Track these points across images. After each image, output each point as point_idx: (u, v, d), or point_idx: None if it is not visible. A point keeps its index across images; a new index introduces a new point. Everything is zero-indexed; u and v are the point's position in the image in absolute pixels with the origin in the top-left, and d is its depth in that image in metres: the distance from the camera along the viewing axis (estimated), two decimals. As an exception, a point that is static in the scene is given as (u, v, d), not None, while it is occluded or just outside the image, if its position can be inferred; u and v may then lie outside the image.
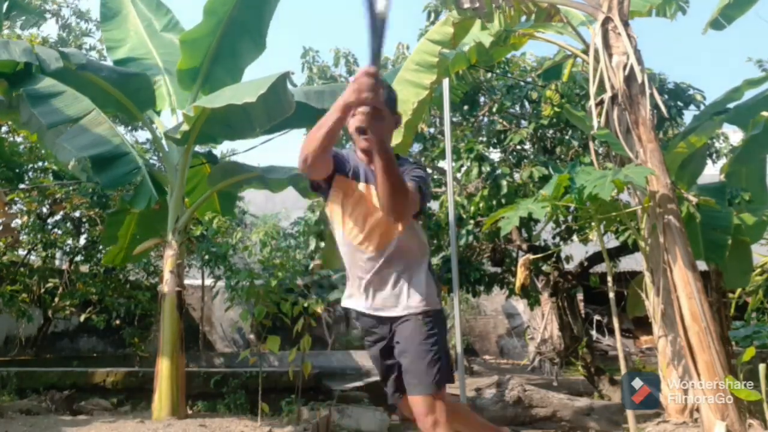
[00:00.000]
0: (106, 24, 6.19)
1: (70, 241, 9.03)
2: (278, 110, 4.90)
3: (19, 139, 8.21)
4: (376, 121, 1.82)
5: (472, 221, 5.69)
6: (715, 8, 4.28)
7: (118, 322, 9.44)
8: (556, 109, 5.30)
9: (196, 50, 5.40)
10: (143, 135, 10.03)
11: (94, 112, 4.81)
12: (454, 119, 6.08)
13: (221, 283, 9.54)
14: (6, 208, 5.95)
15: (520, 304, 13.17)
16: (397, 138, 3.88)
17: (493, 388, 5.31)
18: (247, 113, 4.89)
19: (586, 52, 3.40)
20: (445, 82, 4.17)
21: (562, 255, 6.75)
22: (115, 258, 6.44)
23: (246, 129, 5.23)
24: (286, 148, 27.08)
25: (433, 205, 6.54)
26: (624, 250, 5.93)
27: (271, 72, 4.59)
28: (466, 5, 3.24)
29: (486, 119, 6.35)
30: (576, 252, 7.39)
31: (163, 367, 5.11)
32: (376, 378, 6.79)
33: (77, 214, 8.76)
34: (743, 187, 4.51)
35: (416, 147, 6.65)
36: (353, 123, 2.09)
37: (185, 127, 4.92)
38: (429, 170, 6.97)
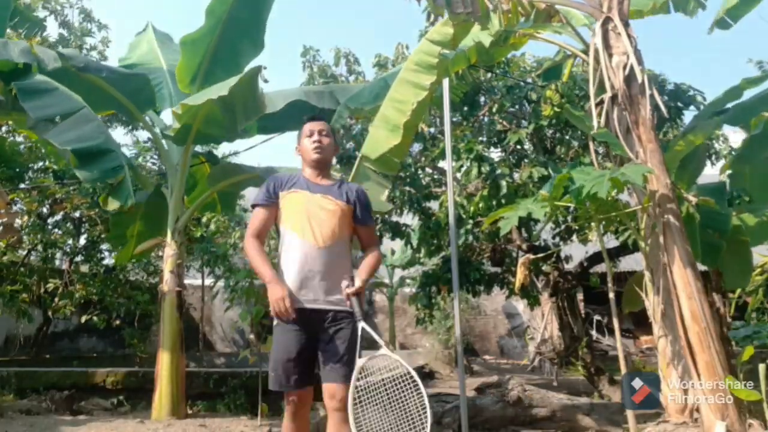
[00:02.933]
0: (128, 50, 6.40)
1: (70, 242, 9.03)
2: (254, 107, 4.92)
3: (19, 139, 8.20)
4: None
5: (471, 221, 5.69)
6: (720, 8, 4.27)
7: (118, 322, 9.44)
8: (556, 109, 5.30)
9: (196, 51, 5.41)
10: (144, 134, 10.04)
11: (85, 110, 4.80)
12: (454, 119, 6.08)
13: (221, 283, 9.56)
14: (8, 208, 5.94)
15: (520, 304, 13.18)
16: (395, 139, 3.87)
17: (493, 388, 5.31)
18: (230, 110, 4.90)
19: (586, 52, 3.40)
20: (445, 82, 4.17)
21: (562, 255, 6.75)
22: (124, 256, 6.49)
23: (232, 127, 5.22)
24: (287, 148, 27.12)
25: (433, 205, 6.54)
26: (624, 250, 5.94)
27: (271, 70, 4.60)
28: (459, 9, 3.22)
29: (486, 119, 6.35)
30: (576, 252, 7.39)
31: (163, 367, 5.11)
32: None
33: (77, 214, 8.75)
34: (746, 187, 4.49)
35: (416, 147, 6.65)
36: (311, 153, 2.69)
37: (176, 125, 4.93)
38: (429, 170, 6.97)
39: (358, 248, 2.78)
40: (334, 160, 6.69)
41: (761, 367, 2.73)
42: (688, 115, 5.68)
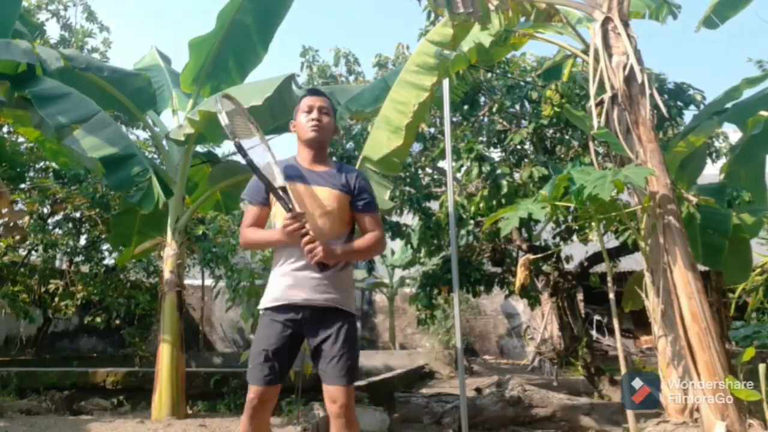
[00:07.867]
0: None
1: (70, 242, 9.04)
2: (283, 112, 4.92)
3: (21, 139, 8.20)
4: (328, 258, 2.26)
5: (472, 221, 5.68)
6: (708, 6, 4.29)
7: (118, 322, 9.44)
8: (556, 108, 5.29)
9: (200, 52, 5.42)
10: (143, 134, 10.06)
11: (101, 114, 4.82)
12: (454, 119, 6.07)
13: (222, 284, 9.57)
14: (11, 207, 5.95)
15: (520, 304, 13.18)
16: (398, 140, 3.87)
17: (493, 388, 5.30)
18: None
19: (586, 52, 3.40)
20: (445, 82, 4.17)
21: (562, 255, 6.74)
22: (126, 257, 6.51)
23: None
24: (286, 149, 27.19)
25: (433, 205, 6.54)
26: (624, 250, 5.92)
27: (269, 70, 4.63)
28: (460, 9, 3.21)
29: (486, 119, 6.34)
30: (576, 252, 7.38)
31: (163, 367, 5.11)
32: (376, 378, 6.80)
33: (78, 214, 8.76)
34: (742, 187, 4.50)
35: (416, 147, 6.65)
36: (307, 134, 2.47)
37: (189, 131, 4.93)
38: (429, 170, 6.97)
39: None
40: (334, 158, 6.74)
41: (761, 367, 2.73)
42: (688, 115, 5.68)
